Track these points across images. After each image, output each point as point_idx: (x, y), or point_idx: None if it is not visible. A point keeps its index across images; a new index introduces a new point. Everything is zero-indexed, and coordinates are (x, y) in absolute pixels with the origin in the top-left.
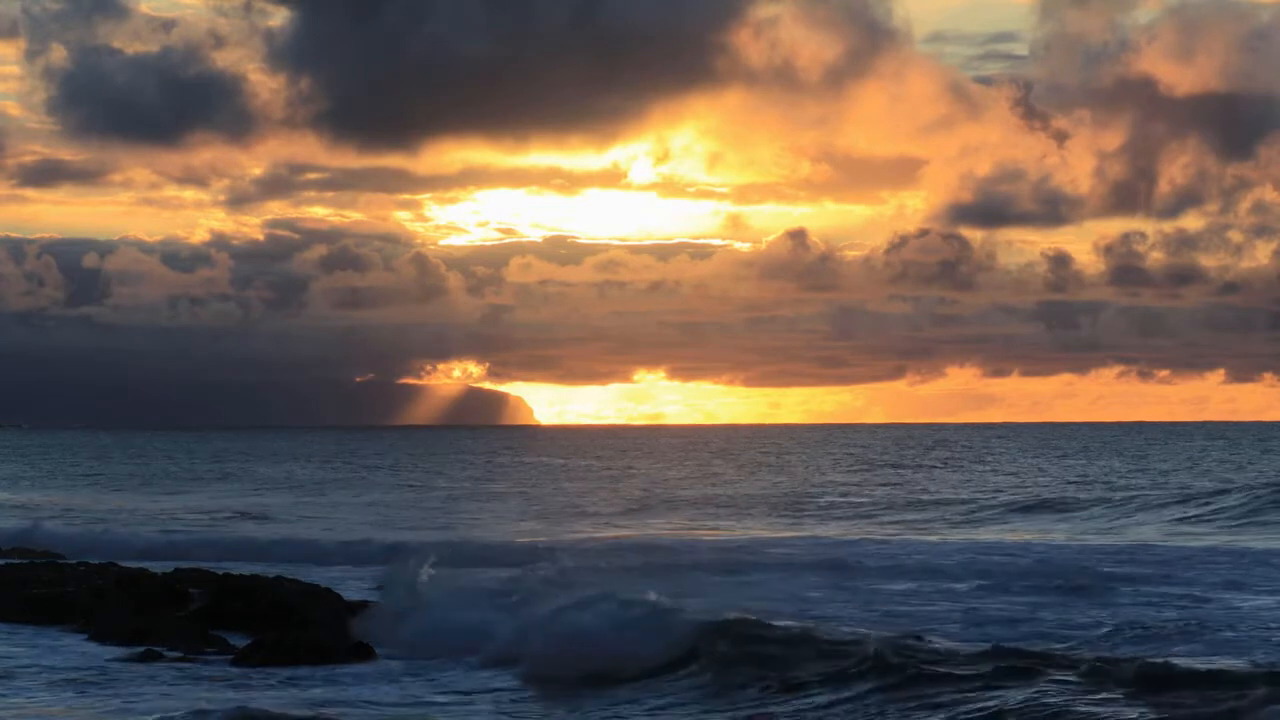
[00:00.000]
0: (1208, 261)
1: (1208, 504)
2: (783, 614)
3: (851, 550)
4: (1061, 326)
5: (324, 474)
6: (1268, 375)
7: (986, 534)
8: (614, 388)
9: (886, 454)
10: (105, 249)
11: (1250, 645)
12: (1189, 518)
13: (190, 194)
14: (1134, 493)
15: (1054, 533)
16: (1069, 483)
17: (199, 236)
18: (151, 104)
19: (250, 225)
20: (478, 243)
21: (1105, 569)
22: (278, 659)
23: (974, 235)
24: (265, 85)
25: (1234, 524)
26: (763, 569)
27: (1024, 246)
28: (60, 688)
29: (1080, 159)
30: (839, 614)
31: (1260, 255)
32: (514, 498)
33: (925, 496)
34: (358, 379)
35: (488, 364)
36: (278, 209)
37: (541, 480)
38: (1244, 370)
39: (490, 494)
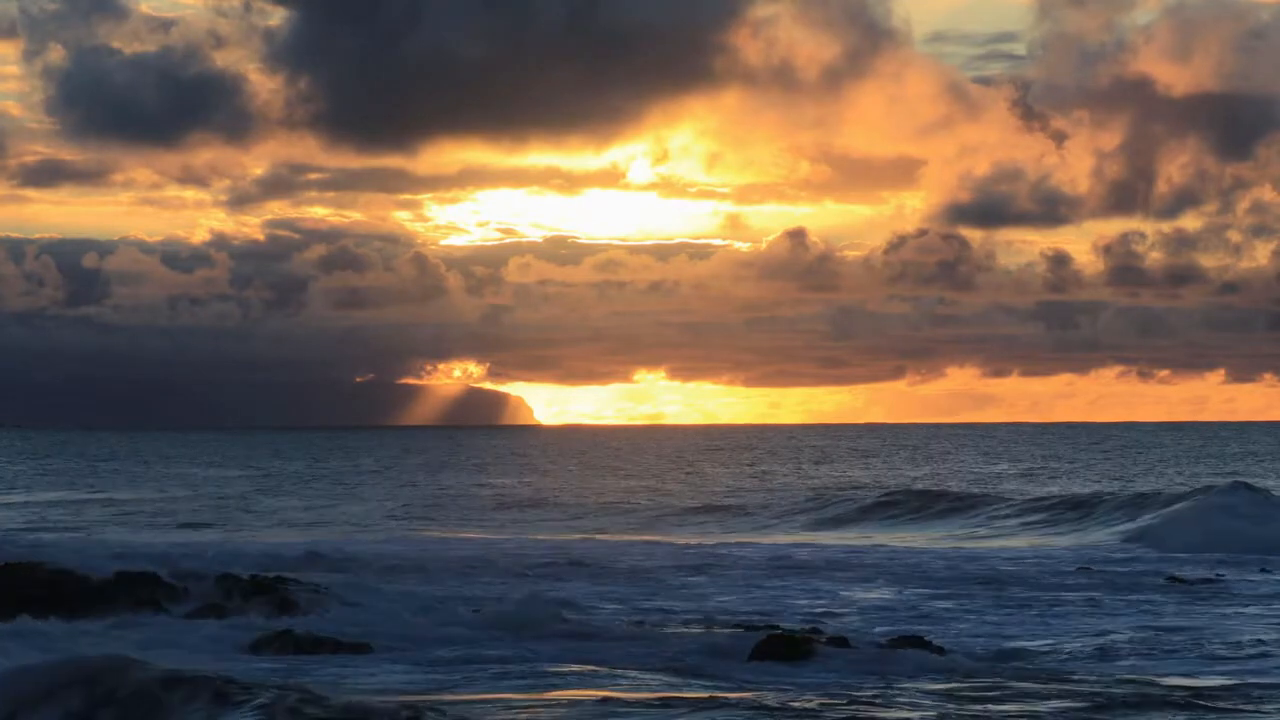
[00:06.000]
0: (1207, 261)
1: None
2: None
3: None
4: (1061, 326)
5: (241, 473)
6: (1267, 375)
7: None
8: (614, 388)
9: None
10: (105, 249)
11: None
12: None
13: (190, 194)
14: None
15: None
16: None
17: (199, 236)
18: (151, 104)
19: (250, 225)
20: (478, 243)
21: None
22: None
23: (973, 235)
24: (265, 85)
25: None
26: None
27: (1023, 246)
28: None
29: (1079, 159)
30: None
31: (1259, 255)
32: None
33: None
34: (358, 379)
35: (488, 364)
36: (278, 209)
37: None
38: (1244, 370)
39: (360, 495)
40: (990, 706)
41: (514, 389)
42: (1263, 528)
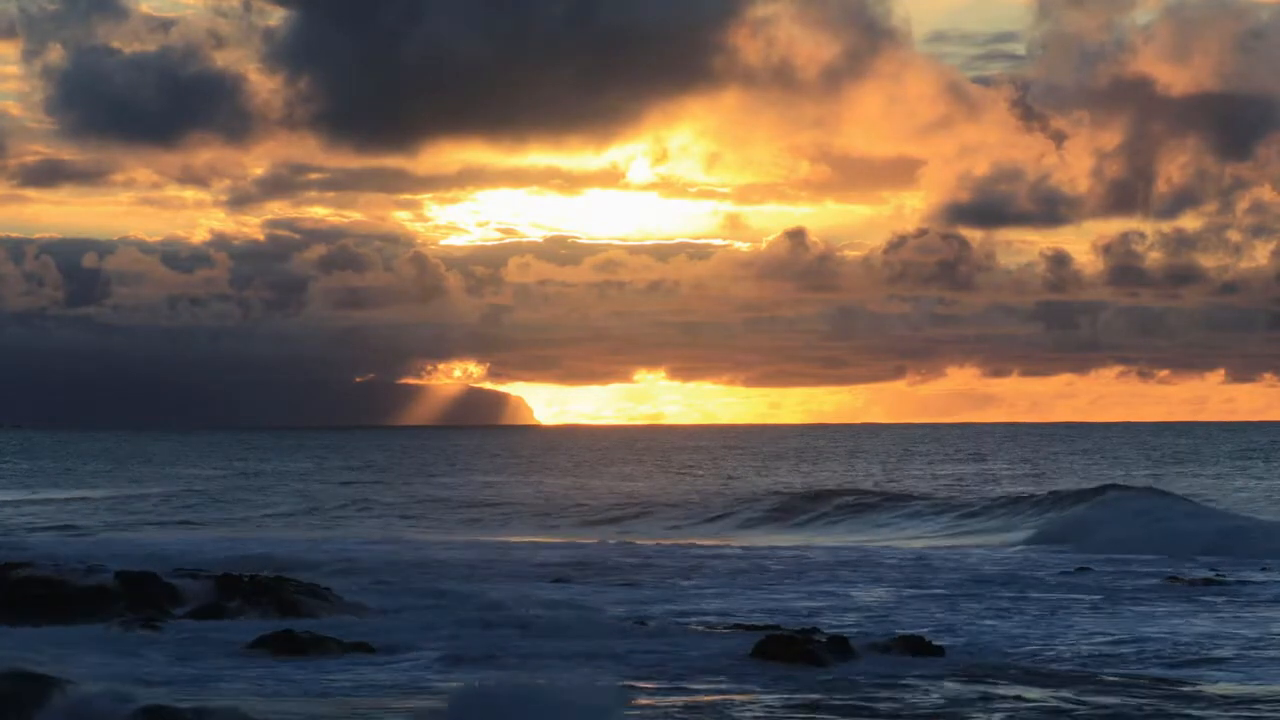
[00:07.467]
0: (1206, 261)
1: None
2: None
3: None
4: (1061, 326)
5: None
6: (1267, 375)
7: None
8: (614, 388)
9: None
10: (105, 249)
11: None
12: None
13: (190, 194)
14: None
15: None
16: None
17: (199, 236)
18: (151, 104)
19: (250, 225)
20: (478, 243)
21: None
22: None
23: (973, 235)
24: (265, 85)
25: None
26: None
27: (1023, 246)
28: None
29: (1078, 159)
30: None
31: (1259, 255)
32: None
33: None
34: (358, 379)
35: (488, 364)
36: (278, 209)
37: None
38: (1244, 370)
39: (359, 495)
40: (991, 707)
41: (514, 389)
42: (1175, 528)
